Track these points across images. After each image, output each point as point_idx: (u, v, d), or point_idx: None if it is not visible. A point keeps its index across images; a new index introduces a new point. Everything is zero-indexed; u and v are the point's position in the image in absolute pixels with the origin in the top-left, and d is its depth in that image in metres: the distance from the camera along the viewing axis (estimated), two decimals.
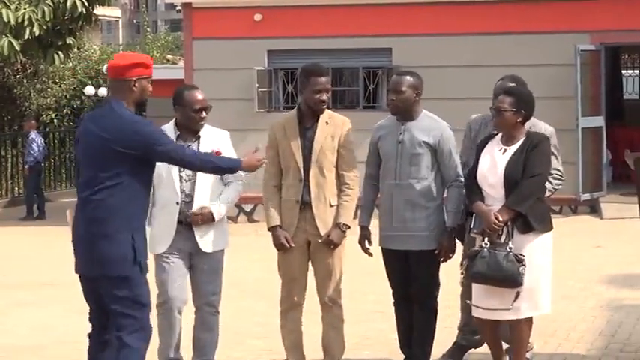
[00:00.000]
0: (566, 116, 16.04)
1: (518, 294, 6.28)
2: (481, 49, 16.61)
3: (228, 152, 6.67)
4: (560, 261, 11.83)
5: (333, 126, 6.74)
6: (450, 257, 6.67)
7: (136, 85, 5.70)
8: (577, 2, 16.40)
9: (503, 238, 6.30)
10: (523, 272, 6.24)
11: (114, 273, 5.69)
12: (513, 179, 6.33)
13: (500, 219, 6.27)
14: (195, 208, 6.57)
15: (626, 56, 24.17)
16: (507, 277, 6.23)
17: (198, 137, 6.67)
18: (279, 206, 6.77)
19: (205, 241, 6.60)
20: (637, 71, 24.14)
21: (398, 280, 6.79)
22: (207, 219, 6.58)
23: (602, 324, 8.62)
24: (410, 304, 6.81)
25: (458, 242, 6.79)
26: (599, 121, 16.59)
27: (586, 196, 16.21)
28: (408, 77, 6.70)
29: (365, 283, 10.00)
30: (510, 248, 6.26)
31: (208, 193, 6.60)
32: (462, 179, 6.66)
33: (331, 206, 6.70)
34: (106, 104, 5.78)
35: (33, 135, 21.11)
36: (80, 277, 5.95)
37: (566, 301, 9.62)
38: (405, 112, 6.68)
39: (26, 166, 20.96)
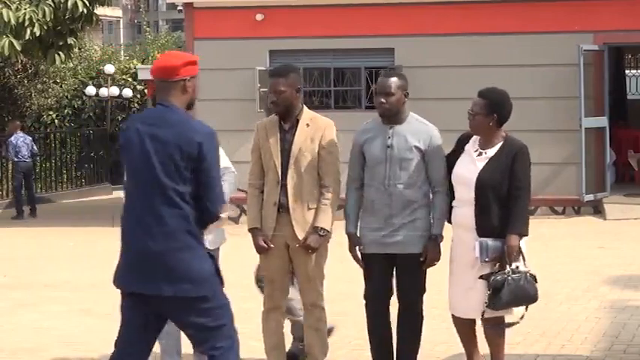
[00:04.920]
0: (570, 116, 16.03)
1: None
2: (484, 49, 16.58)
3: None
4: (564, 262, 11.82)
5: (314, 128, 6.64)
6: (434, 265, 6.54)
7: (189, 84, 5.36)
8: (580, 2, 16.36)
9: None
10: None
11: (199, 293, 5.22)
12: (489, 184, 6.33)
13: (515, 247, 6.32)
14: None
15: (630, 56, 24.14)
16: (531, 298, 6.38)
17: None
18: (259, 208, 6.70)
19: (210, 239, 6.53)
20: None
21: (378, 287, 6.61)
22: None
23: (606, 325, 8.57)
24: (386, 318, 6.65)
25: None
26: (602, 121, 16.54)
27: (589, 197, 16.17)
28: (395, 79, 6.55)
29: None
30: (527, 271, 6.36)
31: None
32: (447, 185, 6.52)
33: (309, 209, 6.59)
34: (162, 108, 5.33)
35: (18, 135, 20.99)
36: (130, 294, 5.32)
37: (569, 302, 9.57)
38: (394, 115, 6.56)
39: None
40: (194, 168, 5.22)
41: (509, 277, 6.26)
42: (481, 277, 6.35)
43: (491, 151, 6.43)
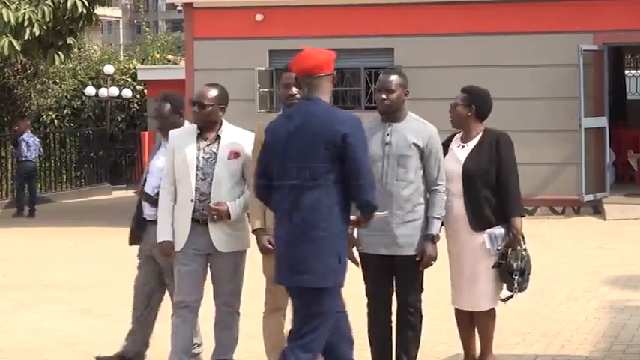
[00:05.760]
0: (569, 116, 16.02)
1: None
2: (483, 49, 16.58)
3: (248, 154, 6.61)
4: (564, 262, 11.81)
5: None
6: (431, 264, 6.52)
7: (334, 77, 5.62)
8: (580, 2, 16.36)
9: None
10: None
11: (319, 284, 5.40)
12: (476, 174, 6.56)
13: (521, 229, 6.57)
14: (212, 203, 6.50)
15: (629, 56, 24.14)
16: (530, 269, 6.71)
17: (218, 137, 6.63)
18: (263, 209, 6.67)
19: (220, 240, 6.53)
20: None
21: (377, 287, 6.60)
22: (222, 215, 6.49)
23: (606, 325, 8.57)
24: (387, 318, 6.65)
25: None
26: (602, 121, 16.54)
27: (589, 197, 16.16)
28: (396, 76, 6.58)
29: None
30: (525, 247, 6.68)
31: (226, 192, 6.54)
32: (444, 184, 6.53)
33: None
34: (308, 102, 5.51)
35: (29, 135, 21.10)
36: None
37: (569, 302, 9.58)
38: (393, 112, 6.55)
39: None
40: (340, 157, 5.33)
41: (526, 258, 6.58)
42: (493, 266, 6.55)
43: (472, 143, 6.68)
